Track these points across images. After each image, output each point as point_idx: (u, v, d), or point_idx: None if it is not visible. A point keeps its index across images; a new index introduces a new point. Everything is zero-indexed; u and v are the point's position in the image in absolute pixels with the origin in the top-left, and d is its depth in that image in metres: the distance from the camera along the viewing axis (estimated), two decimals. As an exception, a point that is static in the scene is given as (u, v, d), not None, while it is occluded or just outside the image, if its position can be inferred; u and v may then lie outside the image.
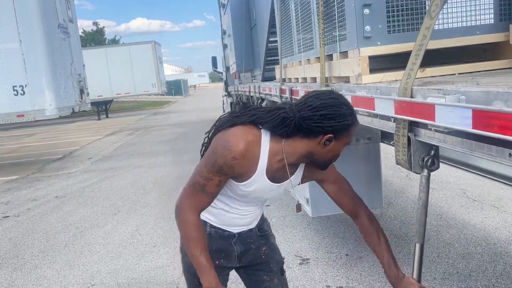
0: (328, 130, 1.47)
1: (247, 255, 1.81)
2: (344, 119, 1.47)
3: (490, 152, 1.27)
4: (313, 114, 1.46)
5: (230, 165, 1.49)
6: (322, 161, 1.58)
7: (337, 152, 1.56)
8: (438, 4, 1.55)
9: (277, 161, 1.55)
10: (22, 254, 4.42)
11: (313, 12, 2.97)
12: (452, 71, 2.17)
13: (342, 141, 1.52)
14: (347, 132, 1.50)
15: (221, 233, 1.75)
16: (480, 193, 4.90)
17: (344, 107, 1.49)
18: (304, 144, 1.51)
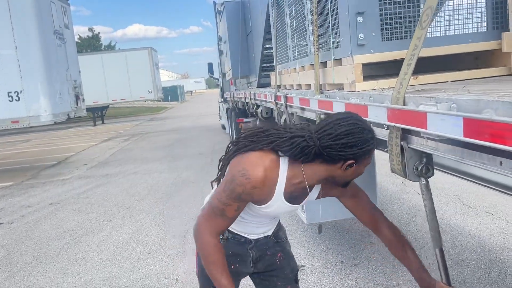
0: (350, 158, 1.45)
1: (262, 261, 1.83)
2: (366, 144, 1.44)
3: (481, 160, 1.28)
4: (335, 143, 1.43)
5: (249, 193, 1.49)
6: (343, 182, 1.58)
7: (359, 173, 1.54)
8: (429, 14, 1.57)
9: (296, 183, 1.54)
10: (15, 261, 4.39)
11: (308, 20, 2.99)
12: (445, 79, 2.18)
13: (363, 163, 1.51)
14: (366, 156, 1.49)
15: (239, 239, 1.77)
16: (475, 200, 4.91)
17: (365, 132, 1.45)
18: (324, 168, 1.50)
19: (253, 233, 1.79)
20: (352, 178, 1.58)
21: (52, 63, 9.11)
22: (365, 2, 2.22)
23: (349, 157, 1.44)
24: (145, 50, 22.40)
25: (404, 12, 2.29)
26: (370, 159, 1.53)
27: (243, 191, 1.48)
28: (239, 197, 1.50)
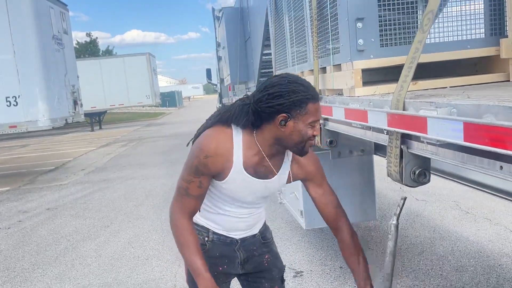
0: (279, 109, 1.45)
1: (250, 261, 1.81)
2: (294, 95, 1.44)
3: (481, 164, 1.28)
4: (264, 95, 1.48)
5: (204, 164, 1.53)
6: (292, 145, 1.53)
7: (303, 133, 1.48)
8: (430, 18, 1.58)
9: (254, 154, 1.57)
10: (13, 267, 4.36)
11: (307, 26, 3.00)
12: (444, 84, 2.20)
13: (301, 120, 1.47)
14: (302, 109, 1.45)
15: (224, 240, 1.75)
16: (473, 205, 4.92)
17: (294, 84, 1.46)
18: (269, 130, 1.52)
19: (237, 229, 1.75)
20: (299, 140, 1.50)
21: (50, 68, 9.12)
22: (365, 8, 2.24)
23: (278, 108, 1.45)
24: (143, 56, 22.44)
25: (403, 18, 2.31)
26: (311, 118, 1.48)
27: (198, 163, 1.53)
28: (196, 170, 1.54)
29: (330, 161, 3.28)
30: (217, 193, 1.67)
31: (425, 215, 4.77)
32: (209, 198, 1.70)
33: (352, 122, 2.12)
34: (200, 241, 1.70)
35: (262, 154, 1.57)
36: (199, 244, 1.62)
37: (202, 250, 1.67)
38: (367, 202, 3.47)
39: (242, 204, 1.70)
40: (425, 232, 4.28)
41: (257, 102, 1.49)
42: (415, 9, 2.33)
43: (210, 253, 1.72)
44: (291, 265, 3.78)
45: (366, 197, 3.46)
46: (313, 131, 1.50)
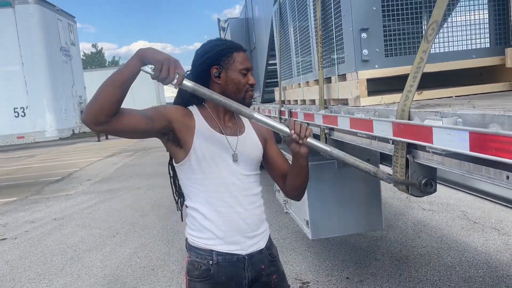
0: (209, 62, 1.62)
1: (258, 282, 1.72)
2: (217, 48, 1.63)
3: (488, 174, 1.28)
4: (194, 59, 1.67)
5: (164, 105, 1.67)
6: (236, 96, 1.63)
7: (236, 82, 1.63)
8: (434, 28, 1.59)
9: (212, 118, 1.66)
10: (19, 277, 4.37)
11: (312, 36, 3.02)
12: (449, 94, 2.19)
13: (231, 68, 1.62)
14: (229, 58, 1.62)
15: (230, 259, 1.64)
16: (481, 215, 4.88)
17: (217, 41, 1.67)
18: (212, 88, 1.62)
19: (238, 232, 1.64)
20: (238, 89, 1.63)
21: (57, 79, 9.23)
22: (369, 18, 2.25)
23: (208, 62, 1.62)
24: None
25: (408, 28, 2.32)
26: (241, 64, 1.63)
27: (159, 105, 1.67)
28: (155, 107, 1.61)
29: (335, 170, 3.28)
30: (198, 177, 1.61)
31: (432, 225, 4.74)
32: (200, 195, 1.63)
33: (358, 132, 2.12)
34: (205, 266, 1.62)
35: (219, 115, 1.69)
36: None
37: (206, 276, 1.61)
38: (373, 211, 3.45)
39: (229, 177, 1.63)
40: (432, 242, 4.24)
41: (192, 67, 1.67)
42: (420, 19, 2.34)
43: (216, 278, 1.63)
44: (297, 275, 3.75)
45: (372, 207, 3.44)
46: (247, 79, 1.65)
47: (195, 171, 1.62)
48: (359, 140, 2.25)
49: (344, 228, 3.41)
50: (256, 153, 1.73)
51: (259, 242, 1.73)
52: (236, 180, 1.65)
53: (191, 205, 1.68)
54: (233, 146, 1.65)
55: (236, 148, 1.65)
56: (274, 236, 4.79)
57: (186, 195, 1.72)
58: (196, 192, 1.65)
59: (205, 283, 1.62)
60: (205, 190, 1.63)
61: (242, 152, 1.66)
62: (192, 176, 1.63)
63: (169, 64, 1.37)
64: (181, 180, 1.71)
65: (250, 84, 1.65)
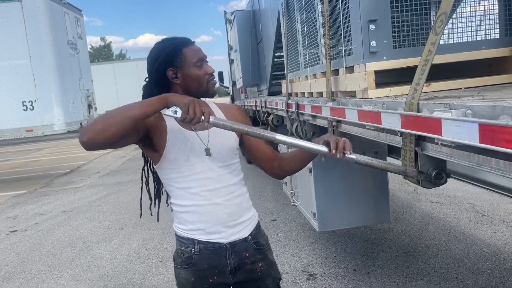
0: (163, 67, 1.60)
1: (241, 270, 1.71)
2: (166, 49, 1.61)
3: (497, 166, 1.27)
4: (147, 66, 1.66)
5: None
6: (196, 91, 1.63)
7: (195, 77, 1.61)
8: (443, 20, 1.57)
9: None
10: (29, 268, 4.43)
11: (319, 28, 3.01)
12: (458, 86, 2.18)
13: (185, 66, 1.60)
14: (180, 56, 1.60)
15: (211, 247, 1.66)
16: (489, 208, 4.85)
17: (162, 43, 1.64)
18: (174, 90, 1.63)
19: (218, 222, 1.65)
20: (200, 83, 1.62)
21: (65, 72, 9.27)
22: (377, 9, 2.23)
23: (162, 67, 1.60)
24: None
25: (416, 19, 2.30)
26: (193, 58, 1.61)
27: None
28: None
29: (343, 163, 3.28)
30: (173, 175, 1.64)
31: (440, 218, 4.72)
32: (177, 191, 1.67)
33: (366, 124, 2.11)
34: (187, 254, 1.67)
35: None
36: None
37: (189, 264, 1.66)
38: (381, 204, 3.44)
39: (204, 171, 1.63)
40: (440, 234, 4.23)
41: (149, 75, 1.66)
42: (428, 10, 2.32)
43: (198, 265, 1.66)
44: (304, 267, 3.77)
45: (379, 200, 3.44)
46: (204, 70, 1.63)
47: (171, 171, 1.65)
48: (367, 133, 2.24)
49: (351, 220, 3.41)
50: (230, 143, 1.71)
51: (242, 231, 1.71)
52: (212, 174, 1.65)
53: (173, 201, 1.74)
54: (205, 140, 1.63)
55: (208, 142, 1.63)
56: (281, 228, 4.81)
57: (168, 192, 1.78)
58: (175, 189, 1.69)
59: (188, 270, 1.68)
60: (182, 188, 1.66)
61: (214, 145, 1.65)
62: (169, 176, 1.67)
63: (195, 105, 1.41)
64: (161, 179, 1.76)
65: (209, 74, 1.63)
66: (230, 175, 1.70)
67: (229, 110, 1.78)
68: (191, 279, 1.67)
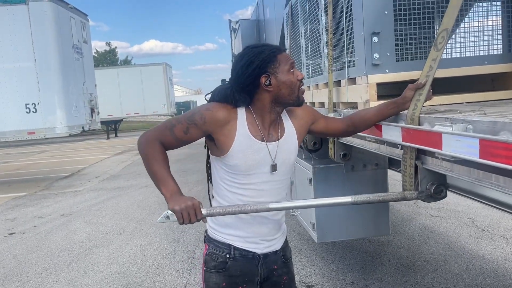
0: (257, 73, 1.55)
1: (269, 281, 1.75)
2: (261, 55, 1.56)
3: (497, 182, 1.27)
4: (238, 71, 1.58)
5: (202, 115, 1.57)
6: (287, 98, 1.61)
7: (288, 82, 1.59)
8: (444, 36, 1.57)
9: (256, 126, 1.61)
10: (26, 271, 4.41)
11: (323, 39, 3.02)
12: (460, 100, 2.18)
13: (279, 71, 1.57)
14: (275, 62, 1.57)
15: (246, 255, 1.69)
16: (489, 223, 4.83)
17: (257, 48, 1.60)
18: (261, 100, 1.60)
19: (258, 235, 1.67)
20: (291, 90, 1.60)
21: (69, 76, 9.30)
22: (381, 22, 2.24)
23: (256, 73, 1.55)
24: (160, 66, 22.72)
25: (420, 33, 2.30)
26: (286, 64, 1.59)
27: (198, 112, 1.59)
28: (192, 117, 1.58)
29: (343, 174, 3.27)
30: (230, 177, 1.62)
31: (440, 232, 4.70)
32: (225, 192, 1.65)
33: (366, 136, 2.11)
34: (222, 258, 1.67)
35: (264, 124, 1.63)
36: (168, 161, 1.64)
37: (222, 268, 1.65)
38: (381, 216, 3.43)
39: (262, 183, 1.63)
40: (440, 249, 4.21)
41: (236, 80, 1.59)
42: (432, 24, 2.32)
43: (231, 271, 1.68)
44: (302, 278, 3.74)
45: (379, 212, 3.42)
46: (296, 75, 1.61)
47: (226, 173, 1.64)
48: (367, 145, 2.24)
49: (351, 232, 3.39)
50: (293, 157, 1.74)
51: (275, 244, 1.77)
52: (267, 186, 1.66)
53: (218, 199, 1.71)
54: (273, 154, 1.62)
55: (275, 157, 1.63)
56: (280, 238, 4.78)
57: (215, 187, 1.73)
58: (225, 190, 1.66)
59: (220, 275, 1.67)
60: (233, 192, 1.65)
61: (280, 159, 1.66)
62: (222, 175, 1.65)
63: (188, 211, 1.50)
64: (213, 170, 1.71)
65: (300, 80, 1.62)
66: (281, 190, 1.72)
67: (293, 112, 1.76)
68: (222, 284, 1.68)
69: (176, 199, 1.52)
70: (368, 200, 1.69)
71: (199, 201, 1.54)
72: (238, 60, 1.60)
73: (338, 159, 2.88)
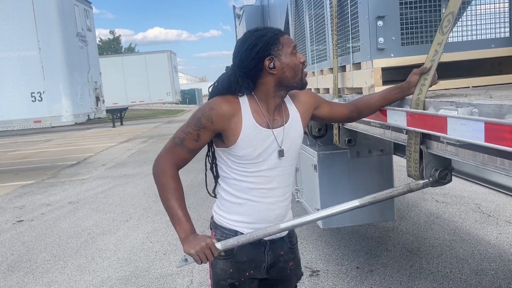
0: (261, 56, 1.54)
1: (275, 267, 1.76)
2: (264, 37, 1.55)
3: (503, 166, 1.26)
4: (242, 55, 1.56)
5: (208, 116, 1.55)
6: (291, 81, 1.59)
7: (292, 65, 1.57)
8: (450, 20, 1.55)
9: (261, 112, 1.60)
10: (35, 258, 4.47)
11: (327, 24, 2.99)
12: (466, 84, 2.16)
13: (282, 54, 1.56)
14: (278, 44, 1.56)
15: (253, 241, 1.67)
16: (495, 209, 4.82)
17: (258, 31, 1.58)
18: (265, 83, 1.58)
19: (266, 220, 1.66)
20: (295, 73, 1.59)
21: (74, 64, 9.30)
22: (386, 6, 2.21)
23: (260, 56, 1.54)
24: (165, 53, 22.65)
25: (425, 16, 2.27)
26: (289, 46, 1.57)
27: (202, 114, 1.56)
28: (198, 122, 1.56)
29: (348, 160, 3.27)
30: (238, 167, 1.61)
31: (445, 217, 4.70)
32: (234, 185, 1.65)
33: (371, 121, 2.10)
34: None
35: (269, 109, 1.62)
36: (183, 194, 1.62)
37: (229, 255, 1.65)
38: (386, 202, 3.42)
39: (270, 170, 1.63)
40: (445, 234, 4.21)
41: (239, 65, 1.57)
42: (438, 7, 2.29)
43: (238, 257, 1.67)
44: (307, 264, 3.77)
45: (384, 198, 3.42)
46: (298, 58, 1.59)
47: (234, 163, 1.63)
48: (372, 130, 2.23)
49: (356, 218, 3.39)
50: (299, 142, 1.74)
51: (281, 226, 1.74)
52: (275, 173, 1.66)
53: (224, 186, 1.70)
54: (279, 139, 1.62)
55: (282, 142, 1.63)
56: (285, 224, 4.80)
57: (221, 175, 1.72)
58: (233, 179, 1.65)
59: (227, 261, 1.68)
60: (241, 180, 1.64)
61: (287, 144, 1.65)
62: (231, 165, 1.64)
63: (203, 251, 1.54)
64: (219, 160, 1.70)
65: (303, 62, 1.61)
66: (288, 175, 1.73)
67: (296, 97, 1.75)
68: (230, 270, 1.68)
69: (190, 242, 1.56)
70: (375, 199, 1.71)
71: (212, 238, 1.58)
72: (240, 45, 1.58)
73: (343, 145, 2.87)
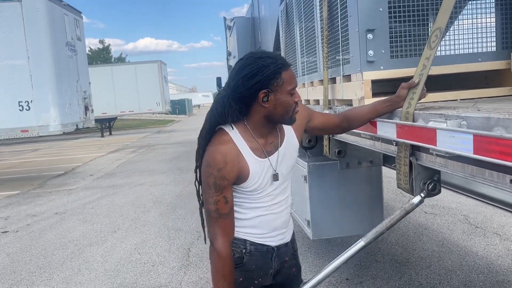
0: (258, 87, 1.49)
1: (281, 273, 1.78)
2: (266, 69, 1.48)
3: (491, 178, 1.28)
4: (237, 80, 1.51)
5: (221, 177, 1.53)
6: (280, 118, 1.58)
7: (285, 104, 1.54)
8: (437, 35, 1.58)
9: (256, 142, 1.59)
10: (20, 270, 4.38)
11: (318, 36, 3.02)
12: (454, 97, 2.19)
13: (280, 90, 1.52)
14: (278, 79, 1.50)
15: (261, 249, 1.71)
16: (483, 220, 4.86)
17: (263, 59, 1.50)
18: (257, 112, 1.55)
19: (275, 228, 1.70)
20: (286, 111, 1.55)
21: (63, 74, 9.24)
22: (375, 19, 2.25)
23: (256, 87, 1.49)
24: (155, 63, 22.64)
25: (414, 30, 2.31)
26: (290, 86, 1.53)
27: (215, 179, 1.53)
28: (216, 186, 1.54)
29: (338, 171, 3.28)
30: (247, 196, 1.64)
31: (434, 229, 4.73)
32: (242, 206, 1.66)
33: (361, 133, 2.12)
34: (238, 254, 1.68)
35: (264, 134, 1.61)
36: (233, 281, 1.62)
37: (239, 264, 1.66)
38: (375, 213, 3.44)
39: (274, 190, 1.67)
40: (433, 245, 4.23)
41: (234, 89, 1.53)
42: (426, 21, 2.33)
43: (247, 266, 1.69)
44: (297, 275, 3.75)
45: (374, 209, 3.43)
46: (294, 98, 1.56)
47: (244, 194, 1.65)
48: (362, 141, 2.25)
49: (345, 229, 3.40)
50: (295, 156, 1.76)
51: (286, 236, 1.80)
52: (277, 192, 1.70)
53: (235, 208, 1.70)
54: (274, 165, 1.64)
55: (277, 166, 1.65)
56: (275, 235, 4.78)
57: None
58: (238, 204, 1.67)
59: (236, 270, 1.68)
60: (248, 202, 1.67)
61: (281, 166, 1.68)
62: (236, 195, 1.65)
63: None
64: None
65: (296, 102, 1.57)
66: (288, 184, 1.77)
67: None
68: (239, 279, 1.68)
69: None
70: (377, 233, 1.75)
71: None
72: (239, 69, 1.53)
73: (333, 156, 2.89)
